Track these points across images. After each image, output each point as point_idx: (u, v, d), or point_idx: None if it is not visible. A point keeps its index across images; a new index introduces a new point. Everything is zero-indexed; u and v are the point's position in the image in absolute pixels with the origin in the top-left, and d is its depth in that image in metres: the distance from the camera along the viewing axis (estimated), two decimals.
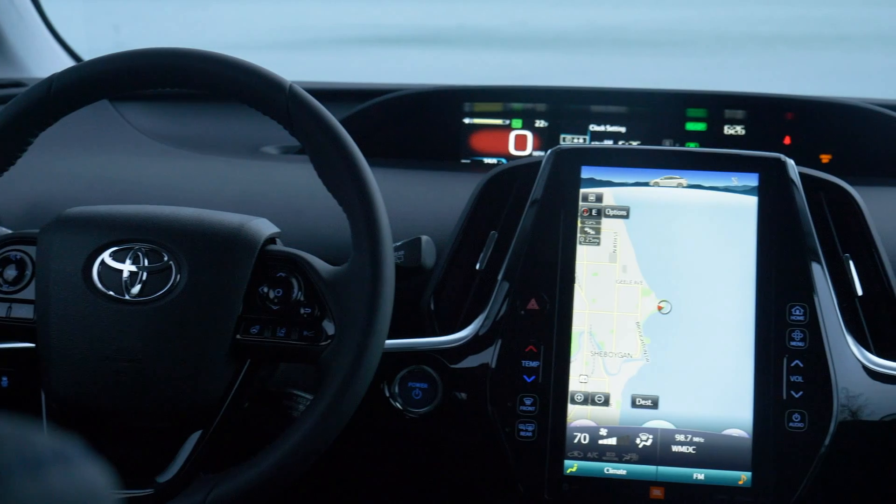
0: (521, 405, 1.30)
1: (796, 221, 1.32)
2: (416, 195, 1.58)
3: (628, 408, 1.30)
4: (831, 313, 1.30)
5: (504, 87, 1.79)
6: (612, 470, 1.29)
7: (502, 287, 1.34)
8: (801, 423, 1.27)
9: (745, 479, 1.27)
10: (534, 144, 1.77)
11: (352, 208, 1.16)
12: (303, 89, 1.19)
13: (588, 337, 1.32)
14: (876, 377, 1.29)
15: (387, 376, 1.32)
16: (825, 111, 1.74)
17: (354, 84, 1.92)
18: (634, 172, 1.36)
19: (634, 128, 1.76)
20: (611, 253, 1.34)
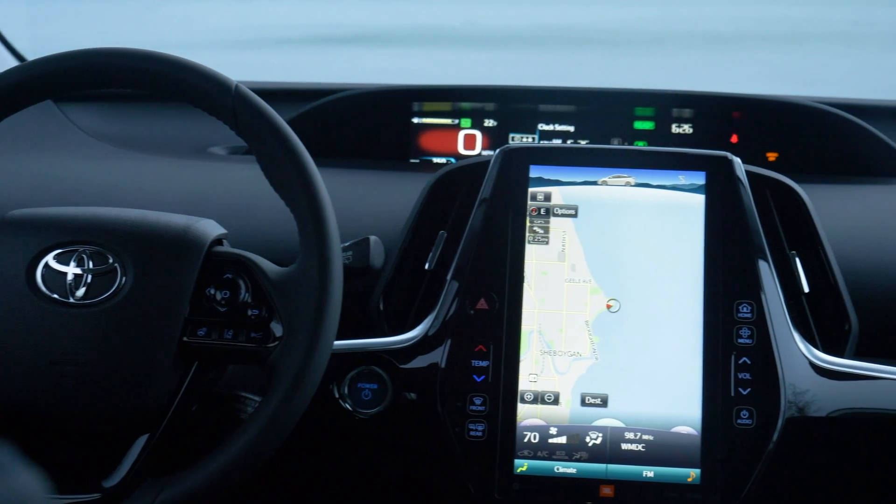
0: (471, 405, 1.29)
1: (743, 219, 1.33)
2: (364, 195, 1.57)
3: (578, 406, 1.30)
4: (778, 310, 1.31)
5: (453, 86, 1.79)
6: (562, 468, 1.29)
7: (451, 287, 1.33)
8: (749, 420, 1.28)
9: (694, 476, 1.28)
10: (483, 144, 1.77)
11: (299, 209, 1.15)
12: (249, 89, 1.18)
13: (537, 336, 1.32)
14: (822, 373, 1.30)
15: (336, 377, 1.31)
16: (772, 110, 1.75)
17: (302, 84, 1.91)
18: (582, 171, 1.36)
19: (583, 127, 1.76)
20: (559, 252, 1.34)
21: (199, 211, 1.26)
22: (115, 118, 1.83)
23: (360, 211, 1.52)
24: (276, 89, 1.87)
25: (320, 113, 1.76)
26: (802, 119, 1.73)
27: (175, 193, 1.59)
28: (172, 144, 1.78)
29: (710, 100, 1.75)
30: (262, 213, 1.45)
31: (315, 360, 1.11)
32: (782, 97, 1.76)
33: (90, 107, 1.83)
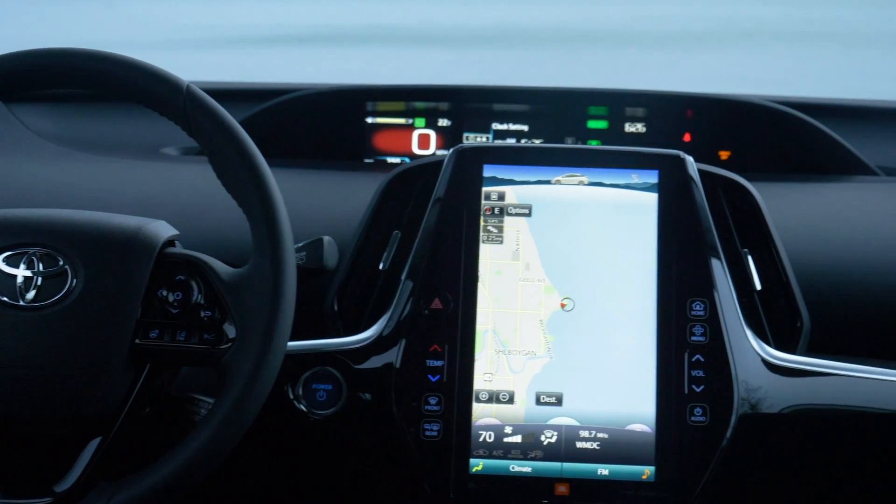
0: (426, 405, 1.29)
1: (696, 218, 1.34)
2: (318, 195, 1.57)
3: (533, 405, 1.31)
4: (731, 308, 1.32)
5: (407, 86, 1.79)
6: (517, 467, 1.30)
7: (406, 287, 1.33)
8: (703, 417, 1.28)
9: (648, 474, 1.29)
10: (437, 143, 1.77)
11: (252, 210, 1.14)
12: (201, 90, 1.18)
13: (492, 335, 1.32)
14: (775, 370, 1.31)
15: (290, 378, 1.31)
16: (724, 108, 1.76)
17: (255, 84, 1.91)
18: (536, 171, 1.36)
19: (537, 126, 1.77)
20: (514, 251, 1.34)
21: (151, 212, 1.25)
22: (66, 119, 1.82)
23: (313, 211, 1.51)
24: (228, 89, 1.86)
25: (274, 113, 1.76)
26: (754, 118, 1.75)
27: (126, 195, 1.57)
28: (124, 145, 1.76)
29: (663, 99, 1.76)
30: (214, 213, 1.45)
31: (268, 361, 1.11)
32: (734, 96, 1.77)
33: (40, 107, 1.82)
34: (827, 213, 1.57)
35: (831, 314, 1.43)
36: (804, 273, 1.41)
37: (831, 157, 1.71)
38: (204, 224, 1.46)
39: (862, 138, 1.78)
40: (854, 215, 1.57)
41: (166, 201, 1.55)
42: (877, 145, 1.79)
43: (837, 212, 1.57)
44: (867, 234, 1.52)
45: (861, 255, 1.49)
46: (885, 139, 1.81)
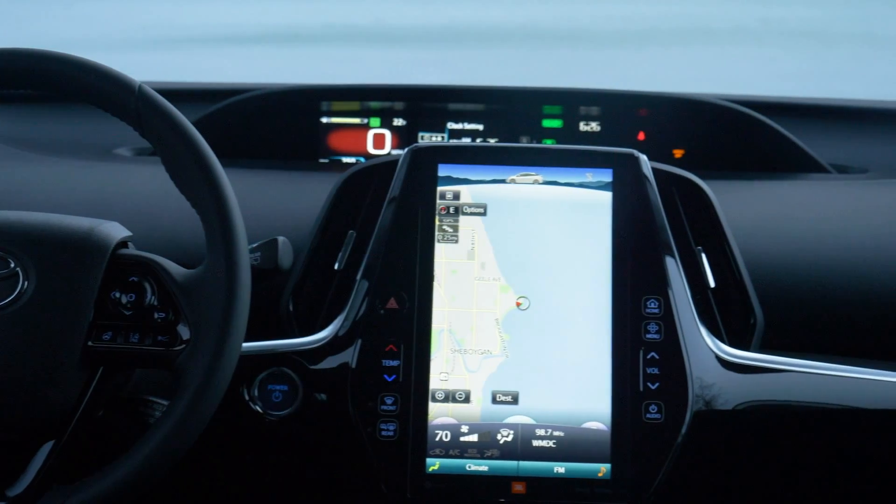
0: (382, 404, 1.29)
1: (650, 216, 1.34)
2: (273, 196, 1.56)
3: (489, 404, 1.31)
4: (685, 305, 1.33)
5: (362, 85, 1.79)
6: (473, 466, 1.30)
7: (361, 286, 1.33)
8: (658, 415, 1.29)
9: (604, 471, 1.29)
10: (392, 143, 1.77)
11: (205, 210, 1.14)
12: (153, 90, 1.17)
13: (448, 335, 1.32)
14: (728, 367, 1.32)
15: (246, 379, 1.30)
16: (678, 107, 1.77)
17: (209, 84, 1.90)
18: (491, 170, 1.36)
19: (492, 125, 1.77)
20: (469, 250, 1.34)
21: (104, 213, 1.24)
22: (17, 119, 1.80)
23: (268, 211, 1.51)
24: (182, 90, 1.85)
25: (228, 113, 1.75)
26: (708, 116, 1.76)
27: (79, 196, 1.56)
28: (76, 146, 1.75)
29: (618, 98, 1.77)
30: (168, 214, 1.44)
31: (223, 362, 1.10)
32: (688, 95, 1.78)
33: None
34: (780, 210, 1.58)
35: (784, 310, 1.44)
36: (758, 270, 1.43)
37: (784, 156, 1.73)
38: (157, 225, 1.45)
39: (814, 136, 1.79)
40: (806, 213, 1.58)
41: (119, 202, 1.54)
42: (829, 143, 1.80)
43: (790, 209, 1.59)
44: (820, 231, 1.53)
45: (814, 252, 1.50)
46: (837, 137, 1.82)
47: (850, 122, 1.85)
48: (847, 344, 1.45)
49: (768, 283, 1.44)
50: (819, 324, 1.46)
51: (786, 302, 1.45)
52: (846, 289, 1.47)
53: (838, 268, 1.48)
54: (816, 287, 1.47)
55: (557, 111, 1.76)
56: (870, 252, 1.50)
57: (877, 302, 1.46)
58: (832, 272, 1.48)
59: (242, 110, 1.76)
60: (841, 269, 1.48)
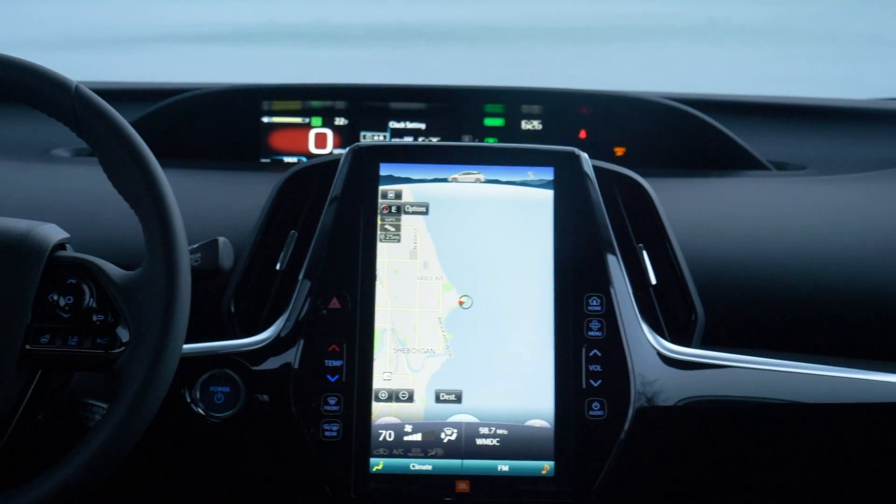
0: (326, 405, 1.29)
1: (591, 214, 1.35)
2: (213, 196, 1.55)
3: (432, 403, 1.31)
4: (627, 303, 1.33)
5: (302, 85, 1.78)
6: (417, 466, 1.30)
7: (303, 286, 1.32)
8: (601, 411, 1.30)
9: (548, 469, 1.29)
10: (334, 142, 1.77)
11: (144, 211, 1.13)
12: (91, 90, 1.16)
13: (391, 334, 1.32)
14: (670, 363, 1.33)
15: (187, 381, 1.29)
16: (619, 105, 1.78)
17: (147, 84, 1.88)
18: (433, 169, 1.36)
19: (434, 124, 1.77)
20: (411, 249, 1.34)
21: (41, 215, 1.23)
22: None
23: (208, 212, 1.50)
24: (120, 90, 1.83)
25: (167, 113, 1.73)
26: (649, 114, 1.76)
27: (15, 197, 1.54)
28: (12, 147, 1.73)
29: (559, 96, 1.77)
30: (107, 216, 1.42)
31: (163, 364, 1.09)
32: (629, 93, 1.79)
33: None
34: (720, 207, 1.59)
35: (725, 306, 1.45)
36: (698, 267, 1.43)
37: (723, 153, 1.74)
38: (96, 227, 1.44)
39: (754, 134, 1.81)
40: (746, 210, 1.59)
41: (57, 204, 1.52)
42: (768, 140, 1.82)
43: (730, 206, 1.60)
44: (759, 227, 1.55)
45: (753, 248, 1.51)
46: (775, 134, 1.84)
47: (788, 120, 1.87)
48: (787, 339, 1.47)
49: (709, 280, 1.45)
50: (759, 319, 1.47)
51: (726, 298, 1.47)
52: (786, 284, 1.48)
53: (778, 264, 1.50)
54: (756, 283, 1.48)
55: (499, 110, 1.77)
56: (808, 248, 1.51)
57: (815, 297, 1.47)
58: (772, 268, 1.49)
59: (182, 110, 1.74)
60: (780, 265, 1.50)
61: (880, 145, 1.81)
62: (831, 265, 1.49)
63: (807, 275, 1.48)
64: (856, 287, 1.47)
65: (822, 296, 1.47)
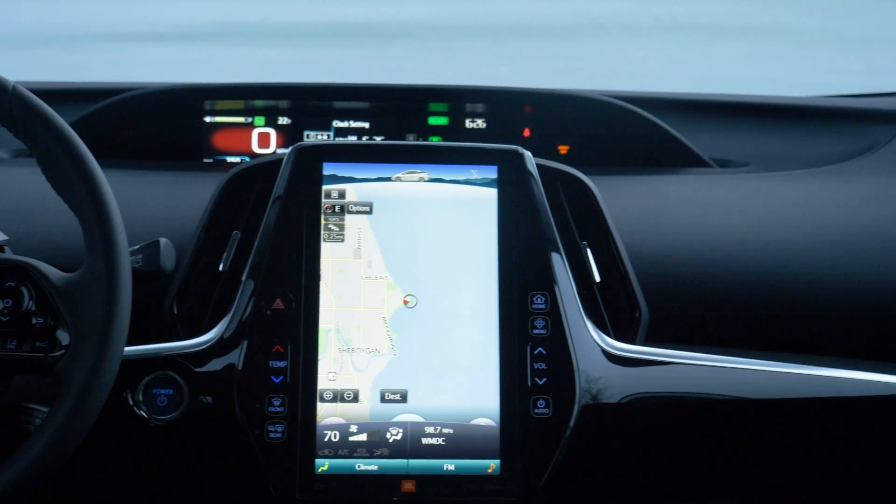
0: (270, 406, 1.28)
1: (535, 212, 1.35)
2: (155, 197, 1.54)
3: (377, 403, 1.30)
4: (571, 300, 1.34)
5: (245, 84, 1.76)
6: (363, 466, 1.29)
7: (247, 287, 1.32)
8: (546, 409, 1.30)
9: (494, 467, 1.29)
10: (277, 142, 1.76)
11: (84, 213, 1.12)
12: (28, 90, 1.14)
13: (335, 334, 1.31)
14: (614, 360, 1.33)
15: (129, 384, 1.28)
16: (562, 104, 1.78)
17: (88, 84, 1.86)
18: (376, 168, 1.36)
19: (378, 123, 1.76)
20: (355, 249, 1.34)
21: None
22: None
23: (150, 213, 1.48)
24: (59, 90, 1.81)
25: (108, 113, 1.72)
26: (592, 112, 1.77)
27: None
28: None
29: (503, 95, 1.77)
30: (46, 217, 1.41)
31: (104, 367, 1.08)
32: (572, 91, 1.79)
33: None
34: (663, 204, 1.60)
35: (668, 303, 1.46)
36: (642, 264, 1.44)
37: (667, 150, 1.75)
38: (35, 228, 1.42)
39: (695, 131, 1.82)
40: (689, 207, 1.60)
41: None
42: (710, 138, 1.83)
43: (673, 204, 1.61)
44: (702, 224, 1.55)
45: (696, 245, 1.52)
46: (718, 131, 1.85)
47: (731, 117, 1.88)
48: (730, 335, 1.48)
49: (653, 277, 1.46)
50: (703, 316, 1.48)
51: (670, 295, 1.47)
52: (729, 281, 1.49)
53: (721, 260, 1.51)
54: (699, 279, 1.49)
55: (443, 108, 1.76)
56: (751, 244, 1.52)
57: (757, 293, 1.48)
58: (715, 265, 1.50)
59: (123, 110, 1.73)
60: (723, 262, 1.51)
61: (821, 142, 1.83)
62: (773, 261, 1.50)
63: (749, 271, 1.49)
64: (796, 282, 1.49)
65: (763, 291, 1.49)
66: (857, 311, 1.48)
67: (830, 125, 1.86)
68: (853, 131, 1.83)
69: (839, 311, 1.49)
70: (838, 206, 1.58)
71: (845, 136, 1.82)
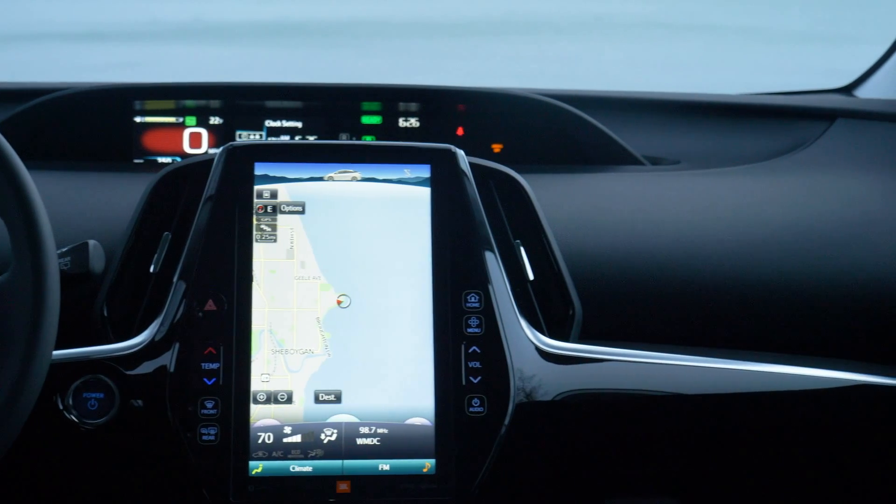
0: (203, 409, 1.27)
1: (468, 211, 1.35)
2: (84, 198, 1.52)
3: (312, 404, 1.30)
4: (505, 299, 1.34)
5: (176, 84, 1.75)
6: (297, 467, 1.28)
7: (178, 289, 1.30)
8: (481, 408, 1.30)
9: (429, 467, 1.29)
10: (209, 142, 1.74)
11: (10, 214, 1.10)
12: None
13: (268, 335, 1.30)
14: (548, 358, 1.34)
15: (59, 388, 1.26)
16: (495, 102, 1.78)
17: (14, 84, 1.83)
18: (309, 168, 1.35)
19: (311, 123, 1.75)
20: (288, 249, 1.33)
21: None
22: None
23: (79, 215, 1.46)
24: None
25: (35, 114, 1.69)
26: (525, 111, 1.77)
27: None
28: None
29: (436, 94, 1.77)
30: None
31: (32, 371, 1.07)
32: (505, 90, 1.79)
33: None
34: (596, 202, 1.61)
35: (603, 301, 1.46)
36: (576, 262, 1.45)
37: (599, 149, 1.76)
38: None
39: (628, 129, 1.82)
40: (622, 204, 1.61)
41: None
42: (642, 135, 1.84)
43: (605, 201, 1.61)
44: (635, 222, 1.56)
45: (629, 242, 1.53)
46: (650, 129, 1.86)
47: (663, 115, 1.90)
48: (663, 331, 1.49)
49: (586, 275, 1.46)
50: (637, 313, 1.49)
51: (603, 292, 1.48)
52: (661, 278, 1.50)
53: (653, 257, 1.52)
54: (632, 276, 1.50)
55: (376, 108, 1.76)
56: (683, 241, 1.53)
57: (690, 290, 1.49)
58: (647, 262, 1.51)
59: (51, 111, 1.70)
60: (656, 259, 1.51)
61: (751, 140, 1.84)
62: (704, 257, 1.51)
63: (681, 267, 1.50)
64: (727, 279, 1.50)
65: (696, 288, 1.50)
66: (787, 306, 1.50)
67: (760, 123, 1.88)
68: (783, 129, 1.85)
69: (770, 306, 1.50)
70: (768, 203, 1.60)
71: (775, 134, 1.84)
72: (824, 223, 1.57)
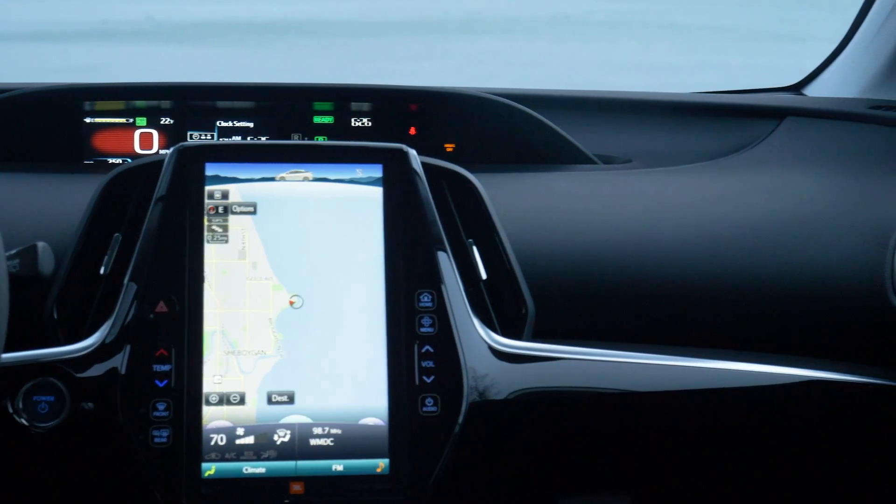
0: (155, 411, 1.26)
1: (420, 210, 1.35)
2: (32, 200, 1.50)
3: (265, 405, 1.29)
4: (458, 298, 1.34)
5: (126, 84, 1.73)
6: (250, 469, 1.28)
7: (129, 290, 1.30)
8: (434, 407, 1.30)
9: (383, 467, 1.29)
10: (160, 143, 1.73)
11: None
12: None
13: (220, 336, 1.30)
14: (501, 357, 1.34)
15: (8, 391, 1.26)
16: (447, 102, 1.78)
17: None
18: (260, 168, 1.35)
19: (263, 123, 1.75)
20: (240, 250, 1.32)
21: None
22: None
23: (27, 216, 1.45)
24: None
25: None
26: (477, 110, 1.77)
27: None
28: None
29: (388, 93, 1.77)
30: None
31: None
32: (456, 89, 1.79)
33: None
34: (548, 201, 1.61)
35: (553, 299, 1.47)
36: (529, 260, 1.45)
37: (551, 148, 1.76)
38: None
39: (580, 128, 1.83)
40: (574, 203, 1.61)
41: None
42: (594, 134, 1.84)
43: (558, 200, 1.62)
44: (587, 220, 1.57)
45: (582, 240, 1.53)
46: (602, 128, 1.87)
47: (614, 114, 1.90)
48: (615, 329, 1.49)
49: (539, 274, 1.46)
50: (590, 311, 1.50)
51: (556, 290, 1.48)
52: (613, 276, 1.51)
53: (605, 256, 1.52)
54: (586, 275, 1.51)
55: (328, 107, 1.75)
56: (634, 239, 1.54)
57: (642, 288, 1.50)
58: (600, 260, 1.52)
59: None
60: (608, 257, 1.52)
61: (702, 138, 1.85)
62: (656, 256, 1.52)
63: (633, 265, 1.51)
64: (679, 276, 1.51)
65: (647, 286, 1.51)
66: (738, 303, 1.51)
67: (711, 121, 1.89)
68: (733, 127, 1.86)
69: (721, 303, 1.51)
70: (718, 201, 1.61)
71: (725, 132, 1.85)
72: (774, 220, 1.58)
